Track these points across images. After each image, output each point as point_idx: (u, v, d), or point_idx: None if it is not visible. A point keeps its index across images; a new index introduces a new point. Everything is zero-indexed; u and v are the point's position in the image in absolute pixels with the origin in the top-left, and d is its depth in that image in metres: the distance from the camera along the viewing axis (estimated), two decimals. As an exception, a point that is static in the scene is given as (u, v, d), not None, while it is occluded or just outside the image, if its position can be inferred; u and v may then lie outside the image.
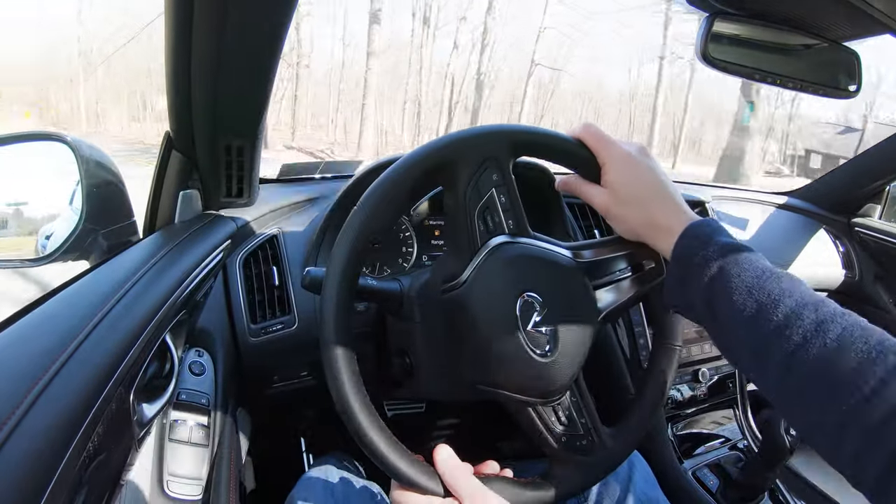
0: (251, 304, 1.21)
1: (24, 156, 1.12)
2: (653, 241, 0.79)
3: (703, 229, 0.74)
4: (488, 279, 0.76)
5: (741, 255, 0.70)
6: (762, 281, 0.67)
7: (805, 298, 0.65)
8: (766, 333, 0.65)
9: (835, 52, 0.91)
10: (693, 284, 0.72)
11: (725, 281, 0.69)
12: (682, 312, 0.79)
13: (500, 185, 0.79)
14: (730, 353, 0.72)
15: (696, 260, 0.71)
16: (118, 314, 0.70)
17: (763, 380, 0.67)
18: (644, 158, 0.81)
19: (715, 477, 1.45)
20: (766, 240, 1.96)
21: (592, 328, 0.80)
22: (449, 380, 0.82)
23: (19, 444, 0.47)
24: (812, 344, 0.61)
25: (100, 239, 1.07)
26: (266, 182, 1.56)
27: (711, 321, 0.72)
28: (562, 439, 0.79)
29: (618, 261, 0.83)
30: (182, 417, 1.02)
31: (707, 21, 0.86)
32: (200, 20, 0.79)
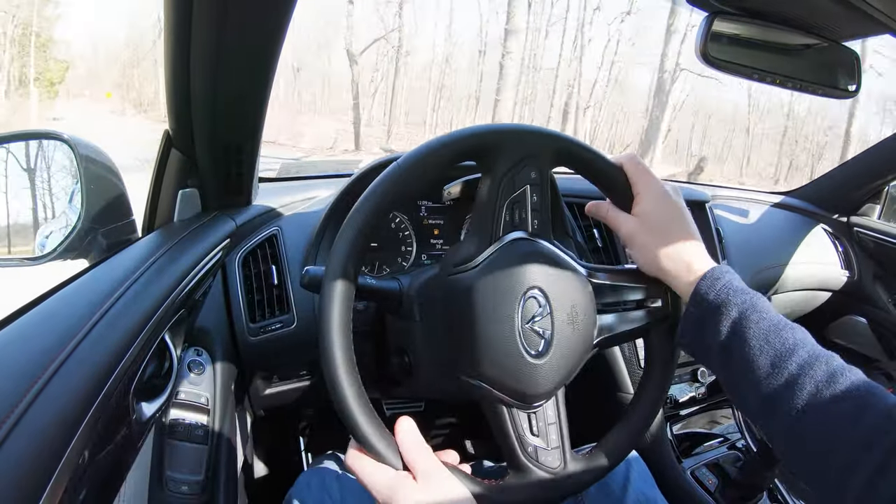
0: (250, 304, 1.21)
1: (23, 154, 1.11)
2: (672, 276, 0.81)
3: (724, 274, 0.77)
4: (501, 267, 0.77)
5: (759, 303, 0.73)
6: (779, 330, 0.70)
7: (816, 351, 0.69)
8: (780, 382, 0.68)
9: (834, 52, 0.91)
10: (711, 326, 0.74)
11: (745, 326, 0.71)
12: (694, 352, 0.80)
13: (536, 184, 0.80)
14: (739, 398, 0.74)
15: (717, 302, 0.74)
16: (117, 313, 0.70)
17: (771, 426, 0.70)
18: (677, 198, 0.84)
19: (714, 476, 1.45)
20: (765, 239, 1.96)
21: (587, 347, 0.81)
22: (448, 379, 0.82)
23: (18, 443, 0.47)
24: (823, 395, 0.65)
25: (99, 237, 1.06)
26: (265, 181, 1.56)
27: (724, 365, 0.74)
28: (528, 449, 0.78)
29: (629, 291, 0.85)
30: (181, 416, 1.02)
31: (707, 20, 0.86)
32: (200, 18, 0.79)
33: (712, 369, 0.78)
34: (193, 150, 1.08)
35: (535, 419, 0.78)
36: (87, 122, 22.10)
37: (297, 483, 1.02)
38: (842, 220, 2.14)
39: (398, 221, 1.39)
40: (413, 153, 0.76)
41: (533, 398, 0.77)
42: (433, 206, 1.42)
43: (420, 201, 1.41)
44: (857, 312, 2.14)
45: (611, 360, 1.46)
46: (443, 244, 1.42)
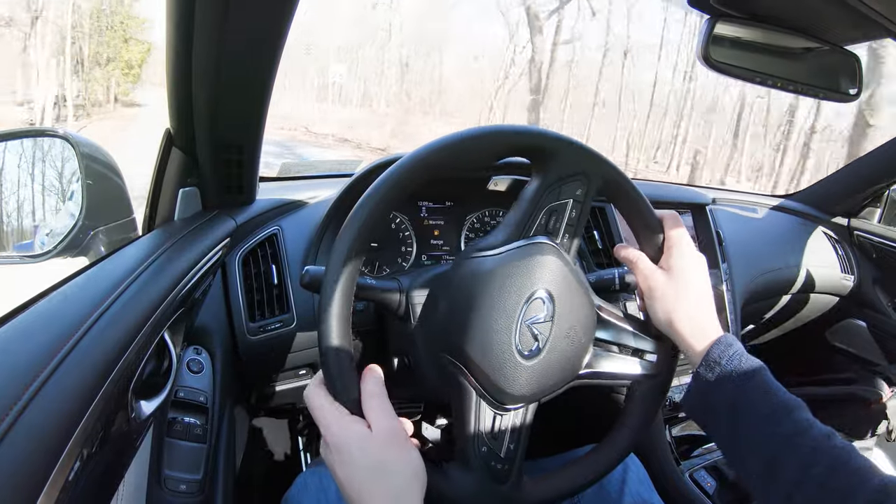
0: (250, 303, 1.21)
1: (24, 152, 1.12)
2: (683, 337, 0.82)
3: (735, 341, 0.79)
4: (520, 259, 0.78)
5: (766, 373, 0.77)
6: (783, 403, 0.73)
7: (816, 423, 0.72)
8: (782, 450, 0.70)
9: (836, 56, 0.92)
10: (720, 391, 0.76)
11: (753, 394, 0.74)
12: (698, 414, 0.82)
13: (579, 201, 0.83)
14: (739, 462, 0.76)
15: (730, 368, 0.76)
16: (117, 311, 0.70)
17: (770, 492, 0.72)
18: (705, 264, 0.87)
19: (712, 479, 1.45)
20: (766, 243, 1.96)
21: (573, 368, 0.81)
22: (433, 358, 0.82)
23: (17, 440, 0.47)
24: (821, 462, 0.68)
25: (99, 235, 1.07)
26: (266, 180, 1.56)
27: (728, 428, 0.76)
28: (481, 449, 0.77)
29: (630, 337, 0.87)
30: (180, 415, 1.02)
31: (708, 23, 0.86)
32: (202, 17, 0.79)
33: (713, 431, 0.80)
34: (194, 148, 1.08)
35: (499, 423, 0.78)
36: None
37: (294, 484, 1.02)
38: (842, 224, 2.14)
39: (398, 222, 1.39)
40: (467, 134, 0.78)
41: (506, 398, 0.76)
42: (433, 207, 1.42)
43: (420, 202, 1.41)
44: (858, 316, 2.14)
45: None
46: (443, 245, 1.42)
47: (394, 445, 0.69)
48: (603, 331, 0.85)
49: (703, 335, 0.80)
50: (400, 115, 24.96)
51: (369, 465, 0.68)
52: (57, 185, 1.16)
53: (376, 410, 0.71)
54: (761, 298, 1.82)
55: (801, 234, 2.08)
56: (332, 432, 0.70)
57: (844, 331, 2.19)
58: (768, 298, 1.87)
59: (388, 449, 0.69)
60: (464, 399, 0.78)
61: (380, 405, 0.72)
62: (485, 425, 0.77)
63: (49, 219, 1.17)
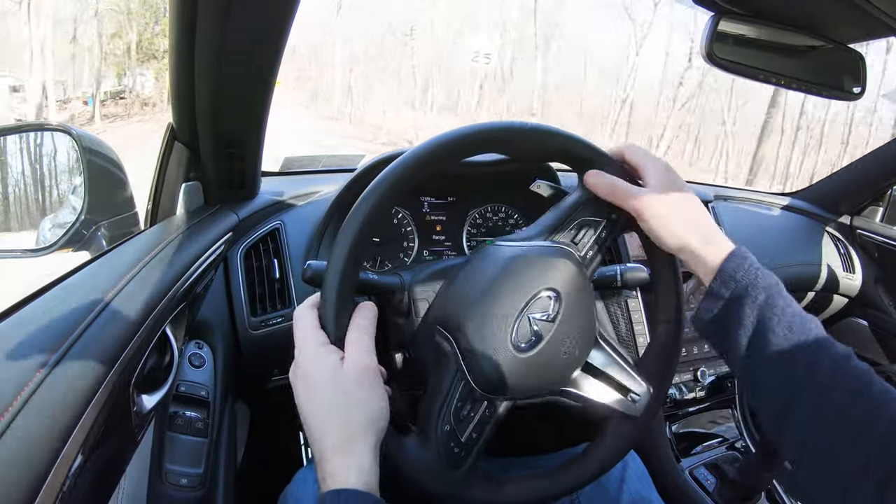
0: (252, 297, 1.21)
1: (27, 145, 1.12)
2: (692, 248, 0.76)
3: (748, 253, 0.74)
4: (541, 256, 0.78)
5: (783, 289, 0.72)
6: (803, 319, 0.69)
7: (837, 345, 0.68)
8: (800, 370, 0.67)
9: (840, 54, 0.91)
10: (737, 309, 0.72)
11: (771, 312, 0.70)
12: (711, 333, 0.77)
13: (612, 222, 0.83)
14: (755, 388, 0.73)
15: (745, 283, 0.72)
16: (118, 305, 0.70)
17: (787, 416, 0.68)
18: (678, 175, 0.82)
19: (712, 476, 1.45)
20: (767, 241, 1.95)
21: (561, 378, 0.80)
22: (429, 329, 0.82)
23: (20, 433, 0.47)
24: (842, 390, 0.64)
25: (101, 230, 1.07)
26: (268, 175, 1.56)
27: (745, 350, 0.72)
28: (445, 427, 0.76)
29: (620, 371, 0.84)
30: (181, 409, 1.03)
31: (712, 20, 0.85)
32: (204, 10, 0.79)
33: (728, 351, 0.74)
34: (197, 143, 1.08)
35: (470, 408, 0.76)
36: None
37: (294, 478, 1.02)
38: (845, 223, 2.14)
39: (400, 217, 1.39)
40: (523, 125, 0.78)
41: (485, 384, 0.75)
42: (435, 202, 1.42)
43: (422, 197, 1.41)
44: (859, 315, 2.14)
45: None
46: (444, 240, 1.42)
47: (363, 384, 0.68)
48: (596, 354, 0.83)
49: (714, 246, 0.75)
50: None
51: (331, 397, 0.67)
52: (59, 180, 1.16)
53: (356, 344, 0.71)
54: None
55: (803, 232, 2.08)
56: (305, 355, 0.70)
57: (846, 330, 2.19)
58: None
59: (356, 386, 0.68)
60: (442, 372, 0.77)
61: (361, 339, 0.71)
62: (454, 404, 0.76)
63: (51, 213, 1.17)
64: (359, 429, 0.67)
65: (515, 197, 1.45)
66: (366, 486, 0.63)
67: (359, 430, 0.67)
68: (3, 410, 0.48)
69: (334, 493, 0.61)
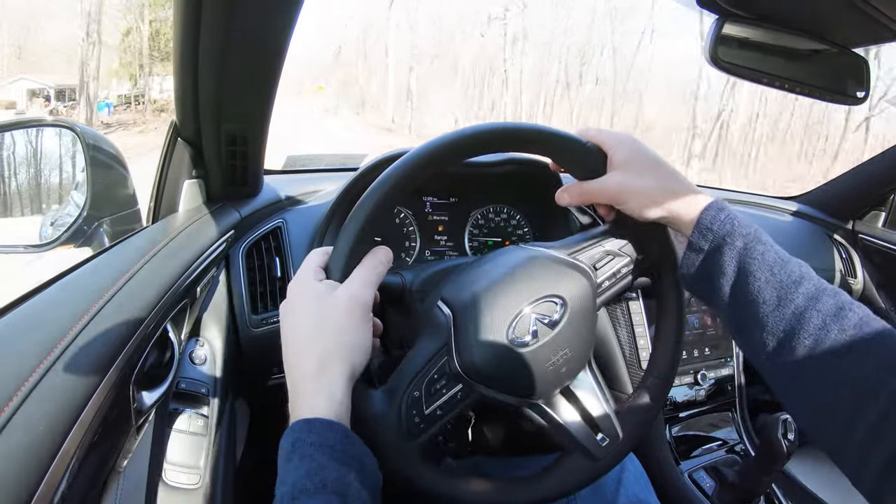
0: (253, 295, 1.21)
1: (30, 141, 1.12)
2: (675, 213, 0.77)
3: (726, 206, 0.75)
4: (559, 266, 0.79)
5: (763, 235, 0.72)
6: (783, 262, 0.69)
7: (822, 284, 0.67)
8: (787, 315, 0.66)
9: (844, 58, 0.91)
10: (717, 259, 0.72)
11: (751, 257, 0.70)
12: (697, 287, 0.78)
13: (634, 262, 0.85)
14: (745, 333, 0.72)
15: (722, 233, 0.72)
16: (119, 302, 0.70)
17: (778, 363, 0.68)
18: (639, 141, 0.82)
19: (711, 479, 1.45)
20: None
21: (542, 388, 0.78)
22: (431, 297, 0.82)
23: (19, 429, 0.47)
24: (831, 329, 0.63)
25: (103, 226, 1.07)
26: (270, 173, 1.56)
27: (730, 297, 0.72)
28: (414, 393, 0.74)
29: (597, 403, 0.84)
30: (181, 406, 1.03)
31: (717, 23, 0.86)
32: (209, 6, 0.79)
33: (714, 302, 0.75)
34: (200, 140, 1.08)
35: (444, 384, 0.75)
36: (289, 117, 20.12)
37: None
38: (846, 227, 2.13)
39: (403, 216, 1.39)
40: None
41: (468, 366, 0.74)
42: (438, 202, 1.42)
43: (425, 197, 1.41)
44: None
45: (610, 359, 1.46)
46: (447, 240, 1.42)
47: (351, 314, 0.67)
48: (581, 381, 0.83)
49: (692, 201, 0.76)
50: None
51: (315, 321, 0.67)
52: (62, 175, 1.16)
53: (359, 275, 0.70)
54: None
55: (805, 236, 2.08)
56: (298, 282, 0.71)
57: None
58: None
59: (343, 313, 0.67)
60: (431, 340, 0.77)
61: (365, 274, 0.70)
62: (431, 375, 0.75)
63: (54, 208, 1.17)
64: (336, 355, 0.66)
65: (518, 198, 1.45)
66: (336, 417, 0.62)
67: (336, 355, 0.66)
68: (4, 405, 0.48)
69: (304, 422, 0.60)
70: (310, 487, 0.54)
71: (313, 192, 1.44)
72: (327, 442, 0.58)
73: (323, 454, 0.57)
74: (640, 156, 0.79)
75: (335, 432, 0.59)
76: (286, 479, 0.56)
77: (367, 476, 0.59)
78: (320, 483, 0.55)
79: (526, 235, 1.46)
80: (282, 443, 0.60)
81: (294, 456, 0.57)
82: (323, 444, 0.58)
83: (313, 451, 0.57)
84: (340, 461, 0.57)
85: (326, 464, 0.56)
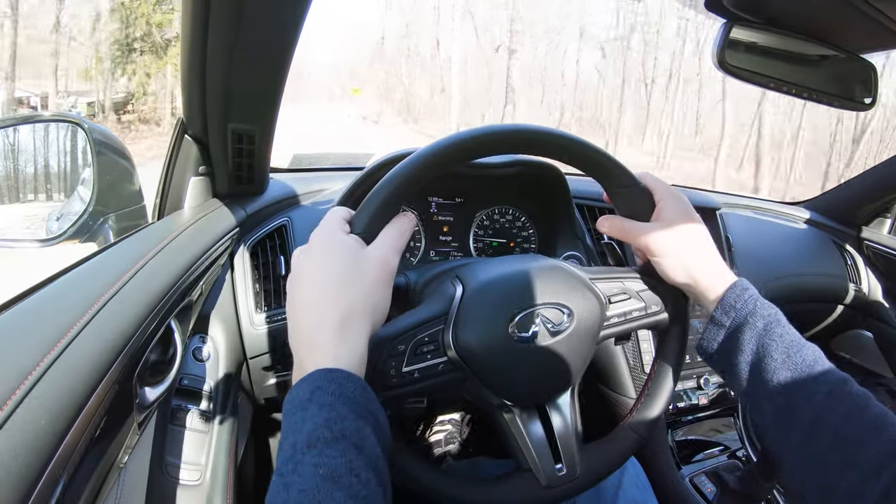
0: (257, 293, 1.21)
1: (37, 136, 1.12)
2: (701, 283, 0.81)
3: (748, 285, 0.80)
4: (578, 283, 0.80)
5: (782, 317, 0.76)
6: (799, 346, 0.73)
7: (833, 369, 0.71)
8: (798, 396, 0.70)
9: (852, 64, 0.91)
10: (738, 336, 0.76)
11: (770, 338, 0.73)
12: (714, 360, 0.81)
13: (650, 313, 0.86)
14: (756, 408, 0.75)
15: (745, 312, 0.76)
16: (123, 298, 0.70)
17: (784, 439, 0.71)
18: (692, 208, 0.85)
19: (712, 484, 1.45)
20: (775, 249, 1.95)
21: (520, 391, 0.79)
22: (442, 276, 0.82)
23: (21, 422, 0.48)
24: (837, 412, 0.67)
25: (109, 222, 1.07)
26: (277, 171, 1.56)
27: (744, 374, 0.75)
28: (397, 347, 0.72)
29: (572, 440, 0.83)
30: (184, 403, 1.03)
31: (724, 28, 0.85)
32: (217, 7, 0.79)
33: (730, 376, 0.78)
34: (206, 137, 1.08)
35: (427, 351, 0.74)
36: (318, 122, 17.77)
37: None
38: (852, 233, 2.13)
39: None
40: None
41: (459, 342, 0.73)
42: (443, 203, 1.42)
43: (430, 197, 1.41)
44: (864, 327, 2.13)
45: (613, 363, 1.46)
46: (451, 241, 1.42)
47: (380, 275, 0.66)
48: (560, 406, 0.82)
49: (719, 278, 0.80)
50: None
51: (346, 271, 0.65)
52: (68, 171, 1.17)
53: (389, 237, 0.69)
54: (768, 305, 1.81)
55: (810, 242, 2.08)
56: (325, 230, 0.68)
57: (850, 341, 2.18)
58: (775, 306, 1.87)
59: (373, 273, 0.66)
60: (433, 304, 0.77)
61: (394, 238, 0.70)
62: (421, 336, 0.74)
63: (60, 204, 1.18)
64: (361, 311, 0.64)
65: (524, 200, 1.45)
66: (356, 371, 0.61)
67: (361, 311, 0.64)
68: (6, 399, 0.48)
69: (325, 371, 0.58)
70: (328, 436, 0.53)
71: (319, 191, 1.44)
72: (347, 392, 0.57)
73: (343, 404, 0.56)
74: (686, 219, 0.83)
75: (354, 384, 0.58)
76: (301, 427, 0.54)
77: (381, 433, 0.58)
78: (339, 433, 0.54)
79: (531, 237, 1.46)
80: (295, 392, 0.58)
81: (311, 405, 0.55)
82: (343, 394, 0.57)
83: (333, 401, 0.56)
84: (359, 414, 0.56)
85: (346, 415, 0.55)
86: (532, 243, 1.45)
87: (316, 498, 0.49)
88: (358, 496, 0.50)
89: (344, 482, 0.50)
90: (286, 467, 0.52)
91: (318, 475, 0.50)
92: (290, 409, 0.57)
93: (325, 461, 0.51)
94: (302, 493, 0.49)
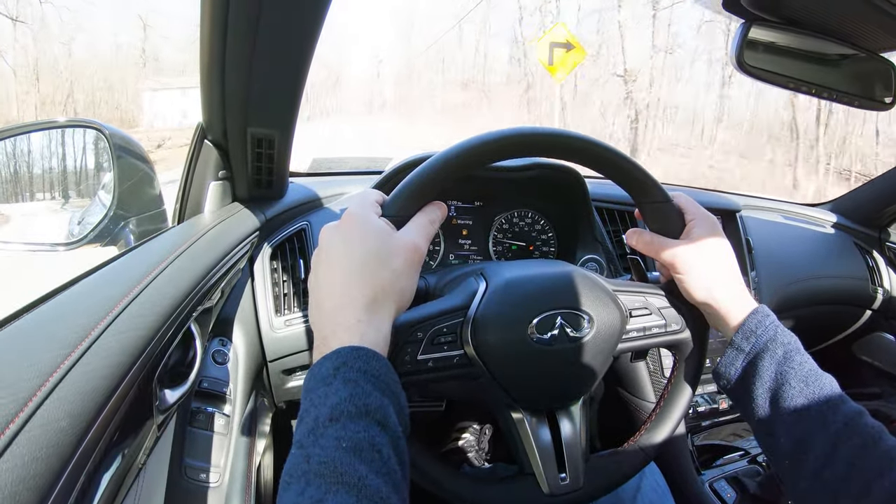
0: (276, 297, 1.22)
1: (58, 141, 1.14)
2: (722, 305, 0.80)
3: (769, 311, 0.79)
4: (603, 293, 0.80)
5: (800, 345, 0.76)
6: (817, 375, 0.73)
7: (847, 401, 0.71)
8: (812, 425, 0.70)
9: (871, 63, 0.90)
10: (757, 363, 0.76)
11: (788, 366, 0.73)
12: (732, 387, 0.81)
13: (670, 331, 0.86)
14: (770, 437, 0.75)
15: (766, 339, 0.76)
16: (144, 301, 0.71)
17: (795, 470, 0.72)
18: (722, 230, 0.86)
19: (732, 490, 1.43)
20: (795, 251, 1.93)
21: (530, 394, 0.79)
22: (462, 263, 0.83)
23: (42, 424, 0.48)
24: (852, 443, 0.67)
25: (130, 226, 1.08)
26: (296, 175, 1.57)
27: (761, 401, 0.75)
28: (416, 334, 0.73)
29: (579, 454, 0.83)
30: (203, 405, 1.03)
31: (743, 28, 0.85)
32: (236, 7, 0.80)
33: (748, 403, 0.78)
34: (226, 142, 1.09)
35: (445, 342, 0.74)
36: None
37: None
38: (874, 235, 2.10)
39: None
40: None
41: (478, 338, 0.73)
42: (463, 207, 1.42)
43: (449, 201, 1.41)
44: (886, 330, 2.10)
45: (634, 367, 1.45)
46: (470, 245, 1.42)
47: (410, 261, 0.66)
48: (571, 413, 0.82)
49: (740, 303, 0.80)
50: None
51: (378, 252, 0.65)
52: (89, 175, 1.18)
53: (420, 225, 0.70)
54: (789, 308, 1.79)
55: (831, 244, 2.05)
56: (357, 210, 0.68)
57: (872, 344, 2.15)
58: (796, 308, 1.85)
59: (404, 258, 0.66)
60: (456, 296, 0.78)
61: (425, 225, 0.70)
62: (440, 325, 0.74)
63: (81, 208, 1.19)
64: (390, 294, 0.65)
65: (543, 203, 1.44)
66: (382, 351, 0.61)
67: (390, 295, 0.65)
68: (27, 400, 0.48)
69: (352, 348, 0.59)
70: (352, 411, 0.53)
71: (338, 195, 1.45)
72: (372, 370, 0.57)
73: (367, 381, 0.56)
74: (715, 241, 0.83)
75: (380, 363, 0.59)
76: (324, 401, 0.55)
77: (402, 413, 0.58)
78: (363, 408, 0.54)
79: (550, 240, 1.45)
80: (318, 368, 0.58)
81: (335, 380, 0.56)
82: (369, 371, 0.57)
83: (358, 377, 0.56)
84: (383, 392, 0.57)
85: (371, 392, 0.56)
86: (551, 246, 1.45)
87: (338, 470, 0.49)
88: (379, 472, 0.51)
89: (367, 456, 0.51)
90: (307, 439, 0.52)
91: (340, 448, 0.51)
92: (313, 384, 0.57)
93: (348, 434, 0.52)
94: (323, 464, 0.50)
